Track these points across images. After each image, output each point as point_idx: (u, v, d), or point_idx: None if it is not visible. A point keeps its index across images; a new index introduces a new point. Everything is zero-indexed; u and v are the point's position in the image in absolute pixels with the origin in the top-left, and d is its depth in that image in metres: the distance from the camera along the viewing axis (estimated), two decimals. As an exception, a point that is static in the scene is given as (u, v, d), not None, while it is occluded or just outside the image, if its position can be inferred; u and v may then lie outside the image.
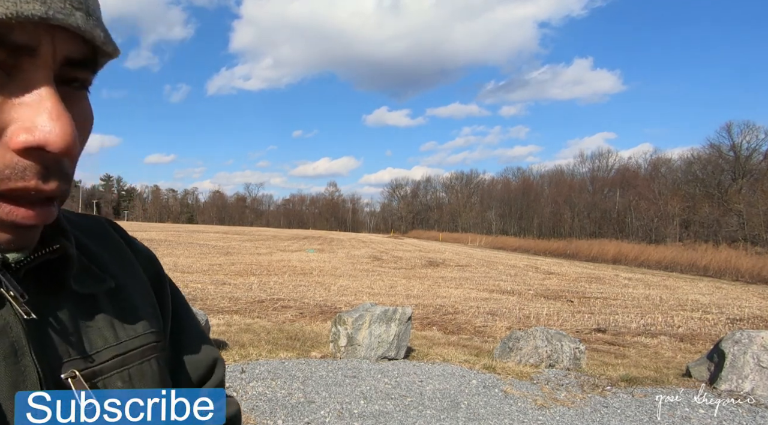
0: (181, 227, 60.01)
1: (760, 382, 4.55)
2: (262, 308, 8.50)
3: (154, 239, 26.65)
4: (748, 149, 47.67)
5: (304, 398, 3.95)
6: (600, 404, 4.18)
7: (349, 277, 13.94)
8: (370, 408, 3.84)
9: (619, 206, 56.18)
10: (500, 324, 7.85)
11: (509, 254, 31.78)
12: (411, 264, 19.17)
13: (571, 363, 5.23)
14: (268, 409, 3.71)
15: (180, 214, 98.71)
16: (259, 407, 3.74)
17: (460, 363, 5.17)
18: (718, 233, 40.68)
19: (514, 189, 73.43)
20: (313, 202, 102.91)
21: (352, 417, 3.68)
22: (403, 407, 3.91)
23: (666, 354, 6.50)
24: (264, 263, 16.91)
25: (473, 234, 56.73)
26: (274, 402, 3.85)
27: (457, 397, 4.17)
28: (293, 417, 3.60)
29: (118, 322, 0.48)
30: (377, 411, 3.79)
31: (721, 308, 10.67)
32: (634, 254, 26.43)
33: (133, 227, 44.48)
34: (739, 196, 42.44)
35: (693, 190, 49.44)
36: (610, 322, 8.57)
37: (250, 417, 3.57)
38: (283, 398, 3.94)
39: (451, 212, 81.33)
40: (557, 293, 12.07)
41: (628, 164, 64.29)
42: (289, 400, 3.90)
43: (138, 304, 0.51)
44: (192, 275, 12.59)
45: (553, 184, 68.83)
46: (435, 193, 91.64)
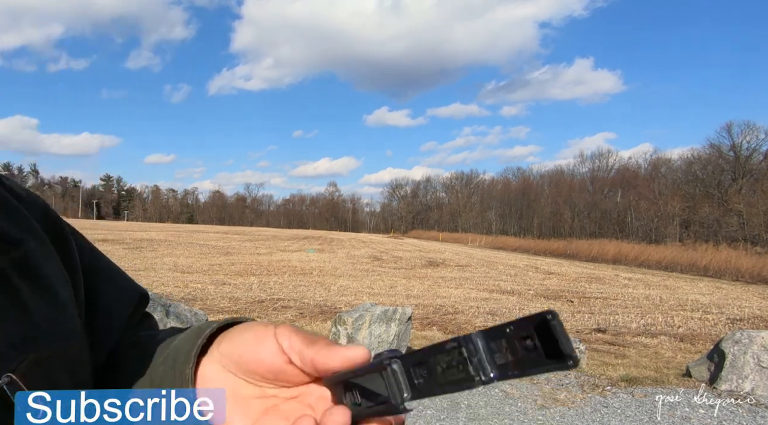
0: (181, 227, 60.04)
1: (760, 382, 4.55)
2: (262, 308, 8.50)
3: (154, 239, 26.68)
4: (748, 149, 47.74)
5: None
6: (600, 404, 4.18)
7: (349, 277, 13.94)
8: (370, 408, 3.84)
9: (619, 206, 56.21)
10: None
11: (509, 254, 31.79)
12: (411, 264, 19.18)
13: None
14: (268, 409, 3.71)
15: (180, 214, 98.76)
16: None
17: (460, 363, 5.17)
18: (718, 233, 40.71)
19: (514, 189, 73.49)
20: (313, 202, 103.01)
21: (352, 417, 3.68)
22: (403, 407, 3.91)
23: (666, 354, 6.50)
24: (264, 263, 16.92)
25: (473, 234, 56.76)
26: (274, 402, 3.85)
27: (457, 397, 4.17)
28: (293, 417, 3.60)
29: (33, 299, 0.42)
30: (377, 411, 3.79)
31: (721, 309, 10.67)
32: (634, 254, 26.45)
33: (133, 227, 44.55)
34: (739, 196, 42.48)
35: (693, 190, 49.47)
36: (610, 322, 8.57)
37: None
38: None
39: (451, 212, 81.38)
40: (557, 294, 12.07)
41: (628, 164, 64.41)
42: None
43: (48, 272, 0.45)
44: (192, 275, 12.59)
45: (553, 184, 68.88)
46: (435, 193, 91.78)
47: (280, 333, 0.42)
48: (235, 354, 0.43)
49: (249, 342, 0.43)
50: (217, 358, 0.45)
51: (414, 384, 0.39)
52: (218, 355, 0.45)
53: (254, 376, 0.43)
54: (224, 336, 0.45)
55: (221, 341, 0.45)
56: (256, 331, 0.43)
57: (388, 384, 0.36)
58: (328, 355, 0.39)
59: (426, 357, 0.37)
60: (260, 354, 0.42)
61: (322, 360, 0.39)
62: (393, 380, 0.36)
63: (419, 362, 0.38)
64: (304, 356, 0.40)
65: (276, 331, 0.42)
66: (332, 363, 0.39)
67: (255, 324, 0.45)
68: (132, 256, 17.42)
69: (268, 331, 0.43)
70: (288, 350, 0.41)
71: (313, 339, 0.42)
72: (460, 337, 0.36)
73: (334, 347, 0.40)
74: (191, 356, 0.44)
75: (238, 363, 0.43)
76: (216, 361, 0.45)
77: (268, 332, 0.43)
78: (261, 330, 0.43)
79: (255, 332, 0.43)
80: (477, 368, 0.33)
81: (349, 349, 0.39)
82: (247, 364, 0.43)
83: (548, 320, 0.31)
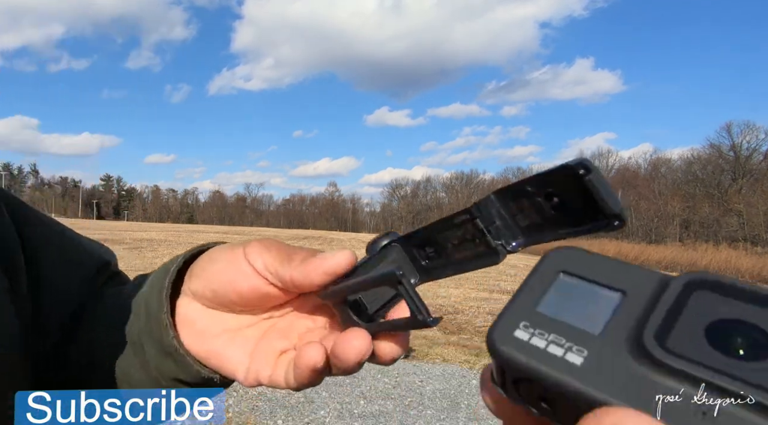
0: (181, 227, 60.07)
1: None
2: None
3: (154, 239, 26.68)
4: (748, 149, 47.73)
5: (303, 398, 3.95)
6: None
7: (349, 277, 13.94)
8: (370, 408, 3.84)
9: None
10: (500, 324, 7.84)
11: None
12: (411, 264, 19.19)
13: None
14: (267, 409, 3.71)
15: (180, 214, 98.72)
16: (259, 407, 3.74)
17: (460, 363, 5.17)
18: (718, 233, 40.73)
19: (514, 189, 73.34)
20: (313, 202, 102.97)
21: (352, 417, 3.68)
22: (403, 407, 3.91)
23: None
24: (264, 263, 16.91)
25: (473, 234, 56.67)
26: (273, 401, 3.85)
27: (457, 397, 4.17)
28: (293, 417, 3.60)
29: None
30: (377, 411, 3.79)
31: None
32: (634, 254, 26.44)
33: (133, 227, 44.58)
34: (739, 196, 42.49)
35: (693, 190, 49.46)
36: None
37: (250, 417, 3.57)
38: (282, 398, 3.94)
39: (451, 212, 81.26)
40: (557, 293, 12.06)
41: (628, 164, 64.35)
42: (288, 400, 3.90)
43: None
44: (192, 275, 12.59)
45: (553, 184, 68.73)
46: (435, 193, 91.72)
47: (251, 252, 0.37)
48: (208, 288, 0.38)
49: (220, 272, 0.38)
50: (192, 296, 0.40)
51: (422, 266, 0.33)
52: (191, 293, 0.40)
53: (237, 307, 0.39)
54: (193, 269, 0.40)
55: (191, 276, 0.40)
56: (225, 257, 0.38)
57: (408, 299, 0.29)
58: (306, 271, 0.34)
59: (431, 233, 0.32)
60: (235, 283, 0.37)
61: (301, 278, 0.34)
62: (412, 293, 0.29)
63: (424, 241, 0.33)
64: (282, 276, 0.35)
65: (245, 251, 0.37)
66: (313, 279, 0.34)
67: (223, 249, 0.40)
68: (132, 256, 17.43)
69: (238, 254, 0.37)
70: (263, 271, 0.36)
71: (288, 253, 0.36)
72: (471, 207, 0.30)
73: (311, 259, 0.34)
74: (162, 299, 0.40)
75: (215, 297, 0.38)
76: (192, 299, 0.40)
77: (238, 255, 0.37)
78: (230, 255, 0.38)
79: (225, 258, 0.38)
80: (498, 236, 0.27)
81: (327, 258, 0.34)
82: (224, 297, 0.38)
83: (580, 175, 0.24)
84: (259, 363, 0.38)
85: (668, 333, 0.19)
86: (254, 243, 0.37)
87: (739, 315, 0.19)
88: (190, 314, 0.40)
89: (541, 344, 0.20)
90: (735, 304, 0.19)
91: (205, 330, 0.39)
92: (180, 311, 0.40)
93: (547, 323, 0.20)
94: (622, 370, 0.18)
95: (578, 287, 0.21)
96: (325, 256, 0.34)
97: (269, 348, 0.38)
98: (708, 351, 0.18)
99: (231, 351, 0.38)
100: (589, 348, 0.19)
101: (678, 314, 0.19)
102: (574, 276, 0.22)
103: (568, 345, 0.19)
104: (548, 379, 0.19)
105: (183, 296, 0.41)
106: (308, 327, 0.39)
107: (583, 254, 0.23)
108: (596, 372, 0.18)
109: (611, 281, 0.21)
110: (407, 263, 0.33)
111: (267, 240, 0.38)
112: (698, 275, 0.20)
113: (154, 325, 0.40)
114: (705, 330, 0.19)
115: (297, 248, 0.37)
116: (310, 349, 0.33)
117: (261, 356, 0.38)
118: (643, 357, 0.18)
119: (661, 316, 0.19)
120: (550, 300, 0.21)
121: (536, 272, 0.23)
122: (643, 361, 0.18)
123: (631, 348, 0.19)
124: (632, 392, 0.18)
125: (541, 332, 0.20)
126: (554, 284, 0.22)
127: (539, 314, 0.21)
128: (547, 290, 0.22)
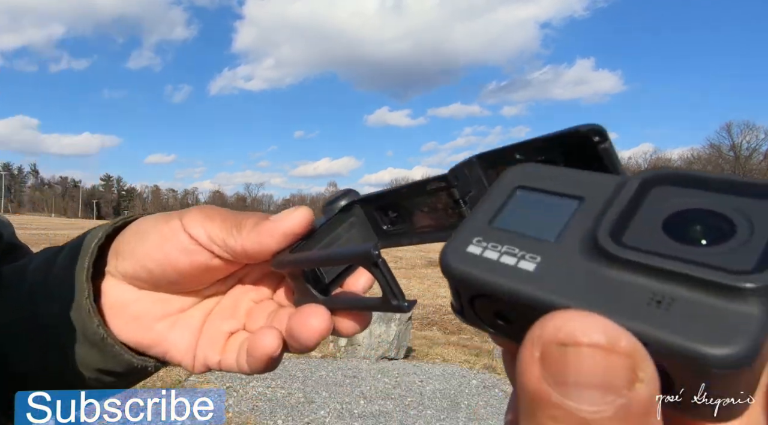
0: (181, 227, 60.01)
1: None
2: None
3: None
4: (748, 149, 47.74)
5: (304, 398, 3.95)
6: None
7: (349, 277, 13.94)
8: (370, 408, 3.84)
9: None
10: (500, 324, 7.84)
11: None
12: (411, 264, 19.16)
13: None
14: (268, 409, 3.71)
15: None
16: (259, 407, 3.74)
17: (460, 363, 5.17)
18: (718, 233, 40.70)
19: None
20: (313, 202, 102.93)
21: (352, 417, 3.68)
22: (403, 407, 3.91)
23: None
24: (264, 263, 16.92)
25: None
26: (274, 402, 3.85)
27: (457, 397, 4.17)
28: (293, 417, 3.60)
29: None
30: (377, 411, 3.79)
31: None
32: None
33: (133, 227, 44.47)
34: (740, 196, 42.47)
35: (693, 190, 49.47)
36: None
37: (250, 417, 3.57)
38: (283, 398, 3.94)
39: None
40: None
41: (628, 164, 64.34)
42: (288, 400, 3.90)
43: None
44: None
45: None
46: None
47: (190, 223, 0.32)
48: (141, 268, 0.33)
49: (154, 248, 0.33)
50: (121, 278, 0.35)
51: (382, 230, 0.31)
52: (119, 274, 0.35)
53: (176, 286, 0.34)
54: (118, 246, 0.35)
55: (116, 253, 0.35)
56: (159, 230, 0.33)
57: (383, 282, 0.27)
58: (260, 238, 0.30)
59: (398, 198, 0.29)
60: (174, 259, 0.32)
61: (256, 247, 0.30)
62: (389, 276, 0.27)
63: (388, 205, 0.30)
64: (232, 246, 0.31)
65: (183, 223, 0.32)
66: (269, 244, 0.30)
67: (154, 220, 0.35)
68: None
69: (174, 226, 0.33)
70: (207, 243, 0.32)
71: (236, 219, 0.32)
72: (447, 173, 0.27)
73: (264, 223, 0.30)
74: (83, 281, 0.34)
75: (150, 278, 0.34)
76: (121, 281, 0.35)
77: (174, 227, 0.32)
78: (164, 228, 0.33)
79: (158, 231, 0.33)
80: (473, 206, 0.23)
81: (282, 219, 0.30)
82: (161, 276, 0.33)
83: (595, 143, 0.21)
84: (206, 347, 0.35)
85: (624, 230, 0.18)
86: (193, 212, 0.33)
87: (699, 204, 0.18)
88: (119, 297, 0.35)
89: (493, 256, 0.18)
90: (696, 194, 0.18)
91: (141, 315, 0.35)
92: (107, 295, 0.35)
93: (501, 235, 0.19)
94: (575, 271, 0.17)
95: (536, 200, 0.20)
96: (279, 217, 0.31)
97: (216, 331, 0.35)
98: (665, 241, 0.17)
99: (174, 336, 0.35)
100: (542, 254, 0.18)
101: (635, 211, 0.18)
102: (531, 190, 0.20)
103: (521, 253, 0.18)
104: (500, 289, 0.18)
105: (109, 277, 0.36)
106: (254, 299, 0.35)
107: (541, 167, 0.21)
108: (549, 277, 0.17)
109: (569, 190, 0.20)
110: (366, 226, 0.31)
111: (207, 207, 0.33)
112: (657, 171, 0.19)
113: (75, 312, 0.35)
114: (663, 222, 0.18)
115: (243, 213, 0.32)
116: (264, 337, 0.30)
117: (208, 340, 0.35)
118: (596, 255, 0.17)
119: (617, 214, 0.18)
120: (506, 215, 0.20)
121: (492, 190, 0.21)
122: (597, 259, 0.17)
123: (584, 248, 0.18)
124: (585, 291, 0.17)
125: (494, 244, 0.19)
126: (511, 200, 0.20)
127: (494, 229, 0.19)
128: (504, 206, 0.20)
